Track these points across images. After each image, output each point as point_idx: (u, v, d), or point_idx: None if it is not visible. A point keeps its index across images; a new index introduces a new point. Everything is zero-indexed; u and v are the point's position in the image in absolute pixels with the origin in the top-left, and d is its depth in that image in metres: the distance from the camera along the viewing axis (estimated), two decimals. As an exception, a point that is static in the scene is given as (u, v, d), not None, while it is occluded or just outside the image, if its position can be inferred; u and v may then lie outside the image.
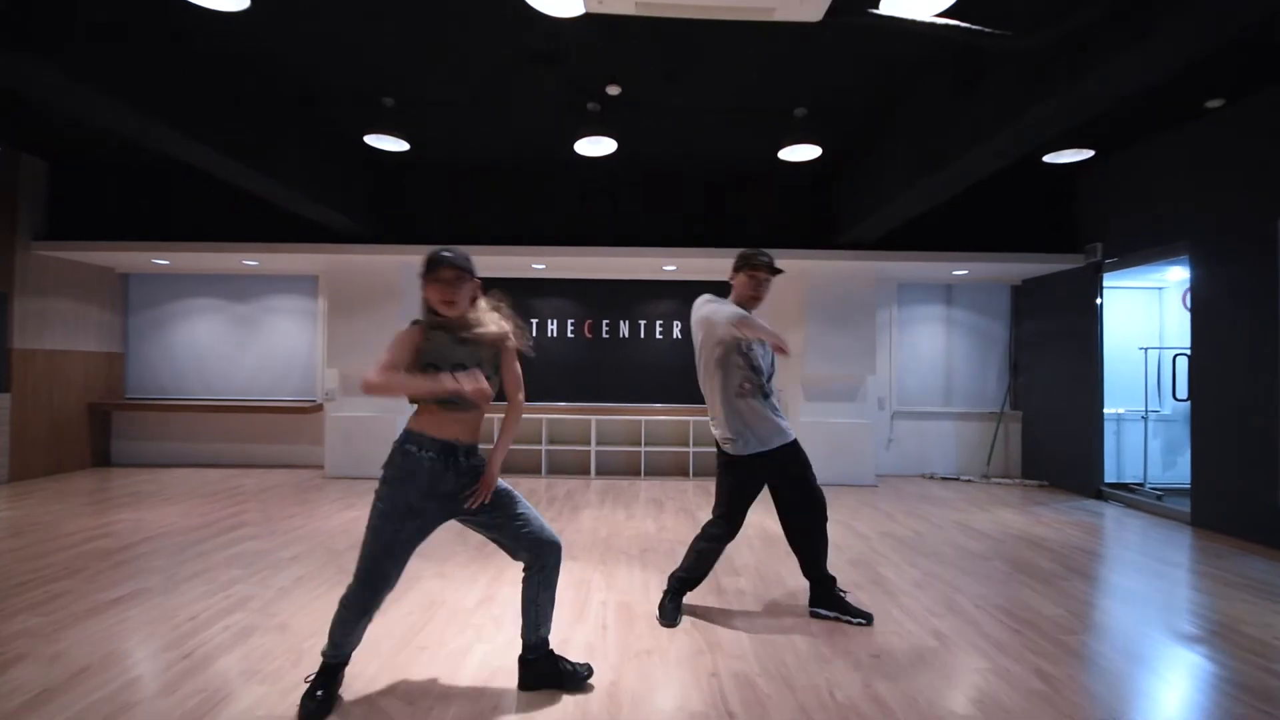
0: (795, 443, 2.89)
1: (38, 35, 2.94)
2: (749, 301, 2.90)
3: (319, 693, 2.08)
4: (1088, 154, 4.77)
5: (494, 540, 2.21)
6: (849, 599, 3.00)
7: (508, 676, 2.34)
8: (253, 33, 3.80)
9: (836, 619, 2.93)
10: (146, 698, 2.18)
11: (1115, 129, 5.11)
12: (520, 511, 2.18)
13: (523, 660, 2.28)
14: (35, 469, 6.30)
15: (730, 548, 4.14)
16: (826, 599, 2.98)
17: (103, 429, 7.17)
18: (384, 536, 2.02)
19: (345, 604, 2.06)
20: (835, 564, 3.81)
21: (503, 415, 2.31)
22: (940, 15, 2.80)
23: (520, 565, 2.24)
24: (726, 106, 4.73)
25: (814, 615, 2.99)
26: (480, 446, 2.20)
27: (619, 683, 2.33)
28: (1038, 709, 2.19)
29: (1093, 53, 2.82)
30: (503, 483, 2.21)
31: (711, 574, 3.60)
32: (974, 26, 2.76)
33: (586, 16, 2.91)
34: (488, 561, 3.75)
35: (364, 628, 2.13)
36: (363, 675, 2.35)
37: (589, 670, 2.32)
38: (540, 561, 2.19)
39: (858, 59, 4.00)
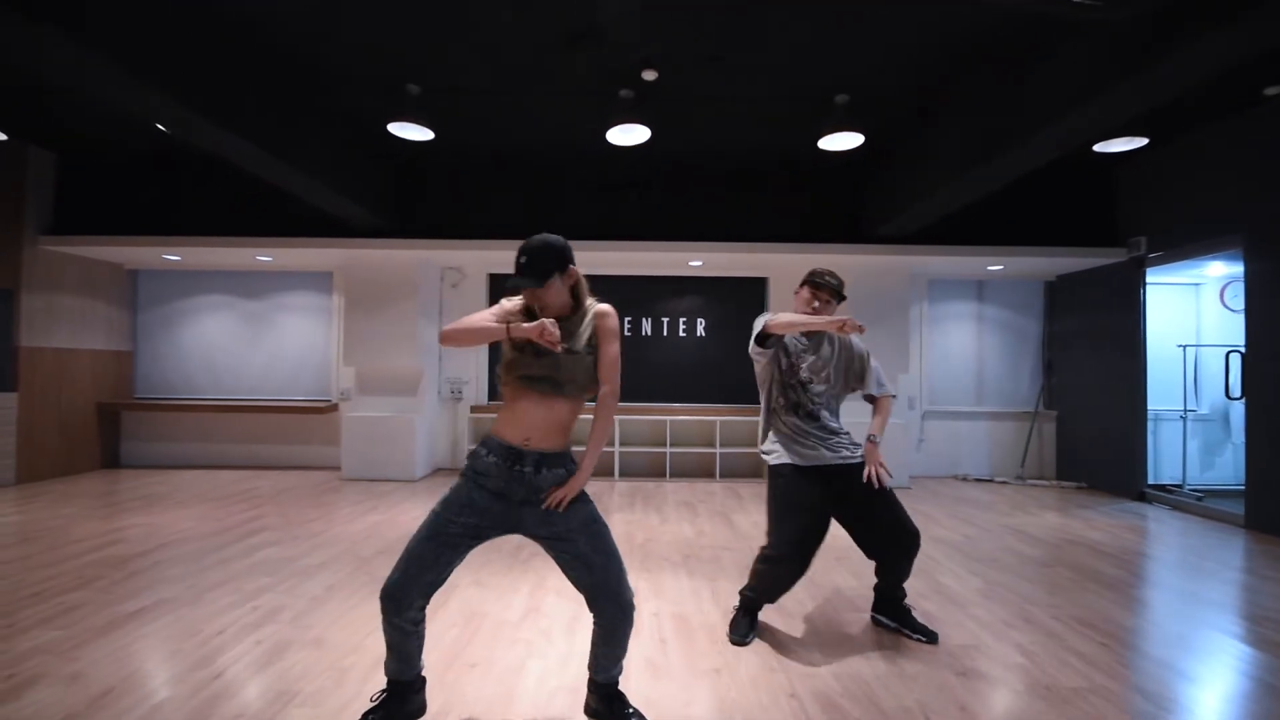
0: (854, 468, 2.64)
1: (90, 22, 2.75)
2: None
3: (374, 716, 1.88)
4: (1141, 142, 4.57)
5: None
6: (914, 614, 2.80)
7: (569, 695, 2.16)
8: (278, 18, 3.61)
9: (897, 630, 2.77)
10: (180, 724, 1.99)
11: (1168, 117, 4.92)
12: (588, 551, 1.85)
13: (593, 682, 2.00)
14: (43, 471, 6.11)
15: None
16: (891, 609, 2.80)
17: (112, 429, 6.98)
18: (436, 522, 1.83)
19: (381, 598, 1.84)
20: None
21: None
22: (1022, -15, 2.61)
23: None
24: (764, 94, 4.54)
25: (874, 622, 2.86)
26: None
27: (692, 704, 2.14)
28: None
29: (1178, 31, 2.63)
30: (595, 511, 1.93)
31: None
32: (1061, -4, 2.57)
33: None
34: (526, 568, 3.56)
35: (413, 636, 1.86)
36: (413, 697, 2.16)
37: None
38: (599, 615, 1.88)
39: (903, 43, 3.81)
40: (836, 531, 2.67)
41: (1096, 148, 4.71)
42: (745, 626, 2.70)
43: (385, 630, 1.84)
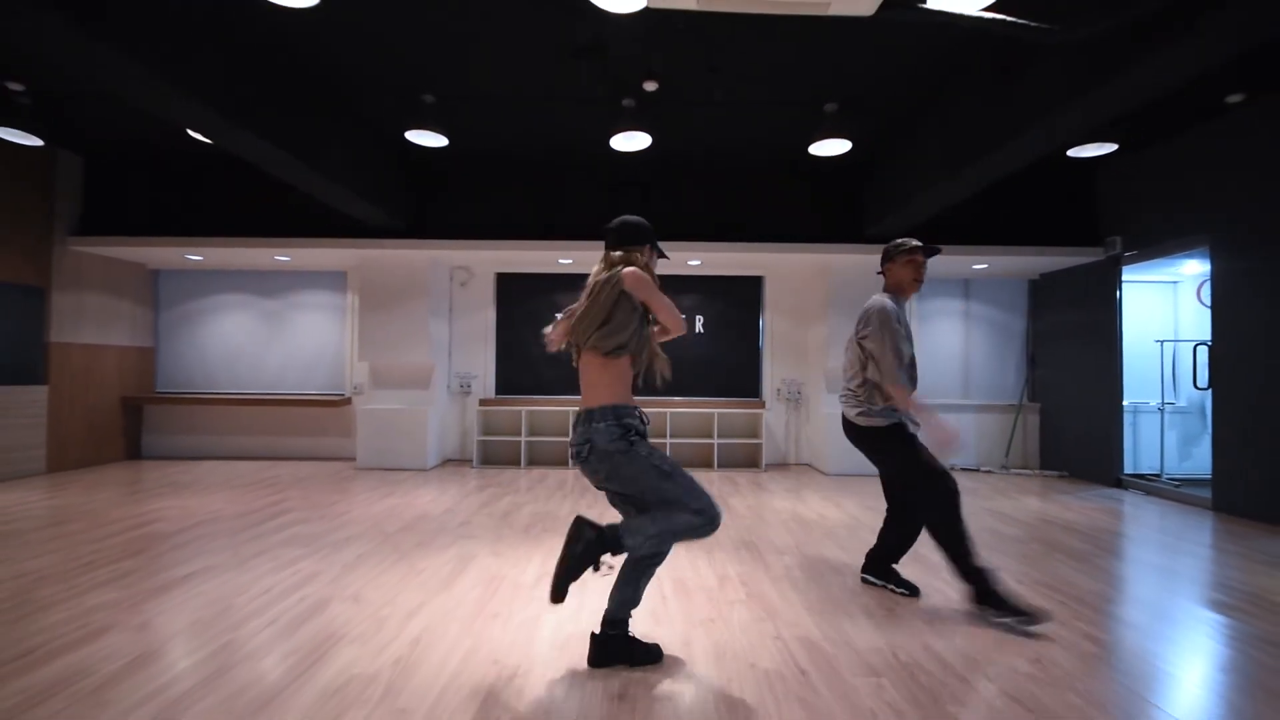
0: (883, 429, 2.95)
1: (128, 30, 3.05)
2: (911, 285, 3.04)
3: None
4: (1111, 148, 4.89)
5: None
6: (898, 570, 3.12)
7: (581, 641, 2.45)
8: (307, 32, 3.91)
9: (884, 587, 3.09)
10: (245, 658, 2.29)
11: (1138, 124, 5.21)
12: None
13: (594, 637, 2.28)
14: (71, 461, 6.41)
15: (770, 531, 4.27)
16: (878, 570, 3.12)
17: (135, 422, 7.28)
18: (665, 459, 2.18)
19: (689, 529, 2.13)
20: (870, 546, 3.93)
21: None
22: (987, 9, 2.91)
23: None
24: (759, 101, 4.84)
25: (864, 581, 3.18)
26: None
27: (691, 644, 2.44)
28: (1092, 668, 2.29)
29: (1136, 48, 2.94)
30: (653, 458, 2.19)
31: (758, 553, 3.73)
32: (1019, 20, 2.87)
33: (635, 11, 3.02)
34: (537, 542, 3.86)
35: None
36: (446, 637, 2.46)
37: (659, 651, 2.30)
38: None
39: (891, 54, 4.12)
40: (822, 511, 2.95)
41: (1070, 153, 5.02)
42: (999, 598, 2.66)
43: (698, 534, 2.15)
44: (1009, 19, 2.88)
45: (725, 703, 2.02)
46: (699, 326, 7.42)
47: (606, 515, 2.38)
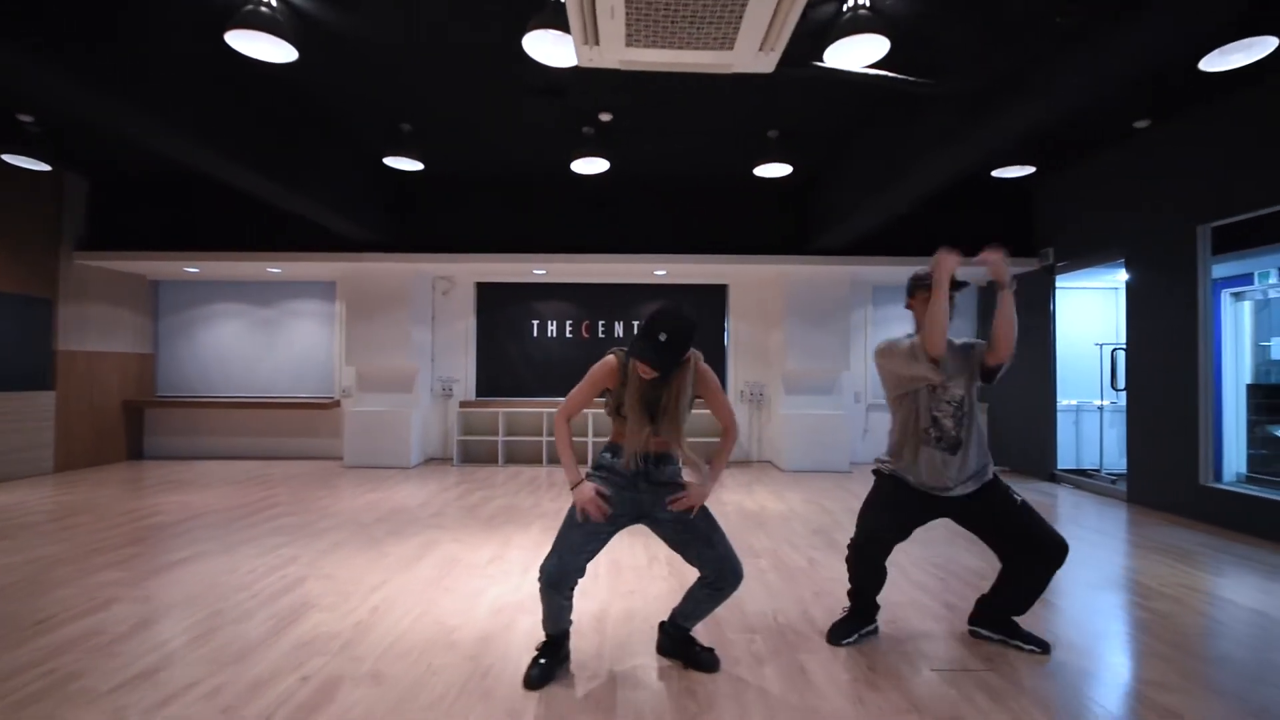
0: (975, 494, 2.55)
1: (118, 74, 3.50)
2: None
3: (541, 660, 2.25)
4: (1029, 170, 5.34)
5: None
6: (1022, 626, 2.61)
7: (515, 610, 2.90)
8: (291, 74, 4.37)
9: (1004, 642, 2.58)
10: (230, 621, 2.75)
11: (1058, 147, 5.68)
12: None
13: (662, 626, 2.46)
14: (77, 461, 6.87)
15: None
16: (1000, 623, 2.62)
17: (136, 425, 7.74)
18: (571, 523, 2.24)
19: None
20: (801, 533, 4.39)
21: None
22: (872, 66, 3.37)
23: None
24: (708, 129, 5.29)
25: (973, 635, 2.67)
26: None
27: (609, 608, 2.90)
28: (937, 627, 2.75)
29: (1002, 98, 3.40)
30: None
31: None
32: (900, 76, 3.33)
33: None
34: (495, 530, 4.32)
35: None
36: (400, 605, 2.92)
37: (714, 659, 2.36)
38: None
39: (819, 92, 4.57)
40: (765, 504, 3.38)
41: (995, 173, 5.48)
42: (845, 630, 2.62)
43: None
44: (890, 74, 3.34)
45: (623, 650, 2.48)
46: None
47: (545, 542, 2.82)
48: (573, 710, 2.05)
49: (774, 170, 5.41)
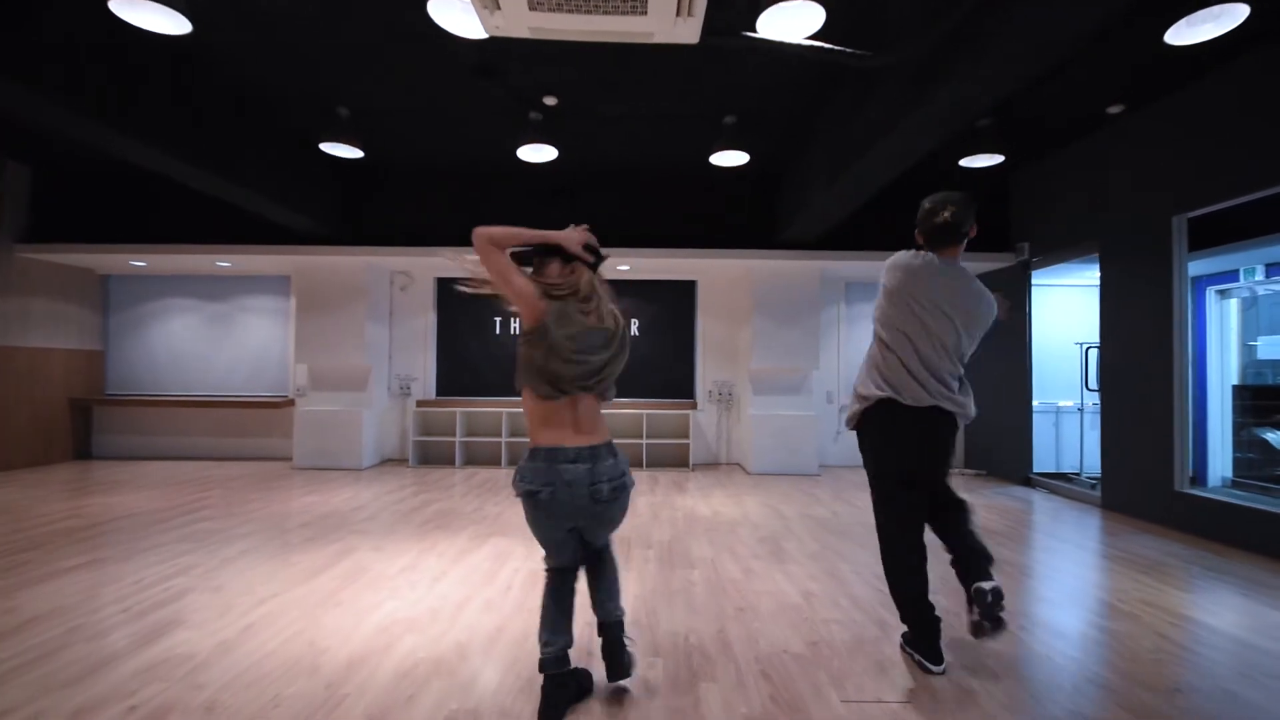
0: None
1: (28, 65, 3.25)
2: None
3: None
4: (998, 159, 5.08)
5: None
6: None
7: (405, 627, 2.65)
8: (209, 49, 4.12)
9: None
10: (84, 639, 2.49)
11: (1029, 135, 5.42)
12: None
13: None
14: (17, 460, 6.61)
15: (655, 527, 4.47)
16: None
17: (84, 423, 7.49)
18: None
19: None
20: (747, 541, 4.14)
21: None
22: (810, 37, 3.12)
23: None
24: (661, 114, 5.04)
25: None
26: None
27: (504, 628, 2.65)
28: (868, 648, 2.50)
29: (938, 72, 3.14)
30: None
31: (627, 547, 3.92)
32: (835, 47, 3.08)
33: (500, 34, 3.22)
34: (421, 538, 4.07)
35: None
36: (279, 622, 2.67)
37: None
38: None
39: (772, 72, 4.32)
40: (720, 508, 3.13)
41: (962, 163, 5.21)
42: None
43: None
44: (827, 46, 3.09)
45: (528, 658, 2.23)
46: (634, 330, 7.62)
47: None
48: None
49: (731, 159, 5.16)
